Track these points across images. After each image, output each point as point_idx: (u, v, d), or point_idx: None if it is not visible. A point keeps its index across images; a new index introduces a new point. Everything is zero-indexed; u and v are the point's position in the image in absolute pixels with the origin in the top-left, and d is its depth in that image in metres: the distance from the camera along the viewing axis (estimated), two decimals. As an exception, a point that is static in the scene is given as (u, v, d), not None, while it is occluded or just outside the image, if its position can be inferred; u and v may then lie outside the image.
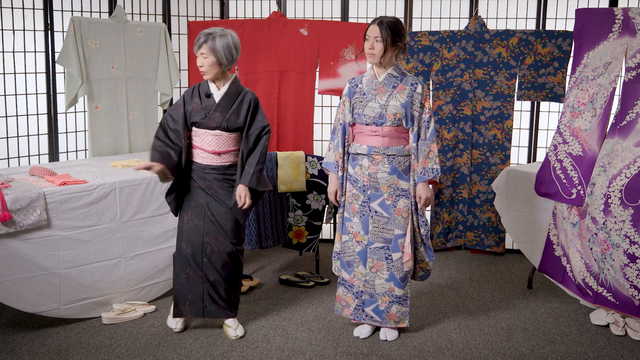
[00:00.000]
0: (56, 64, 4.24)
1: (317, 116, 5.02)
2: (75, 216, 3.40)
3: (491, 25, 4.82)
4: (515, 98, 4.75)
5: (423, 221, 3.33)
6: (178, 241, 3.37)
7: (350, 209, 3.39)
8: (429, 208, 4.87)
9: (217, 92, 3.25)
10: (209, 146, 3.25)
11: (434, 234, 4.98)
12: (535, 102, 4.84)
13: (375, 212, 3.32)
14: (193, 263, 3.31)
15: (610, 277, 3.55)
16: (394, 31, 3.17)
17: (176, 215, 3.39)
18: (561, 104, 4.55)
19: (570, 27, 4.58)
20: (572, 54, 4.07)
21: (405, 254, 3.29)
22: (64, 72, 4.24)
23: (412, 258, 3.30)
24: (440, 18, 4.93)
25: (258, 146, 3.22)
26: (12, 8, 4.08)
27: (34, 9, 4.16)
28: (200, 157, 3.28)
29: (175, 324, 3.45)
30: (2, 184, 3.26)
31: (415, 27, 4.92)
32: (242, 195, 3.18)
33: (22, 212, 3.18)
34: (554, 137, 3.88)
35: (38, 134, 4.31)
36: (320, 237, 4.41)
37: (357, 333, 3.44)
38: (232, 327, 3.40)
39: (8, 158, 4.18)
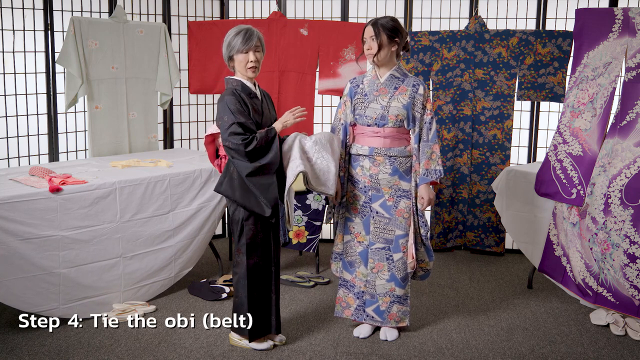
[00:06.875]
0: (56, 64, 4.24)
1: (317, 116, 5.01)
2: (75, 216, 3.40)
3: (491, 25, 4.82)
4: (515, 98, 4.74)
5: (423, 222, 3.33)
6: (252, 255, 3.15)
7: (351, 209, 3.38)
8: (428, 209, 4.87)
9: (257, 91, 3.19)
10: None
11: (434, 234, 4.98)
12: (535, 102, 4.84)
13: (377, 212, 3.32)
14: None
15: (610, 277, 3.55)
16: (390, 28, 3.17)
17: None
18: (561, 104, 4.55)
19: (570, 27, 4.58)
20: (572, 54, 4.07)
21: (409, 255, 3.29)
22: (64, 72, 4.24)
23: (415, 259, 3.30)
24: (440, 18, 4.93)
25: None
26: (12, 8, 4.08)
27: (34, 9, 4.16)
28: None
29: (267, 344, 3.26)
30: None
31: (415, 27, 4.92)
32: None
33: None
34: (554, 137, 3.88)
35: (38, 134, 4.31)
36: (320, 237, 4.41)
37: (357, 333, 3.43)
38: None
39: (8, 158, 4.18)
